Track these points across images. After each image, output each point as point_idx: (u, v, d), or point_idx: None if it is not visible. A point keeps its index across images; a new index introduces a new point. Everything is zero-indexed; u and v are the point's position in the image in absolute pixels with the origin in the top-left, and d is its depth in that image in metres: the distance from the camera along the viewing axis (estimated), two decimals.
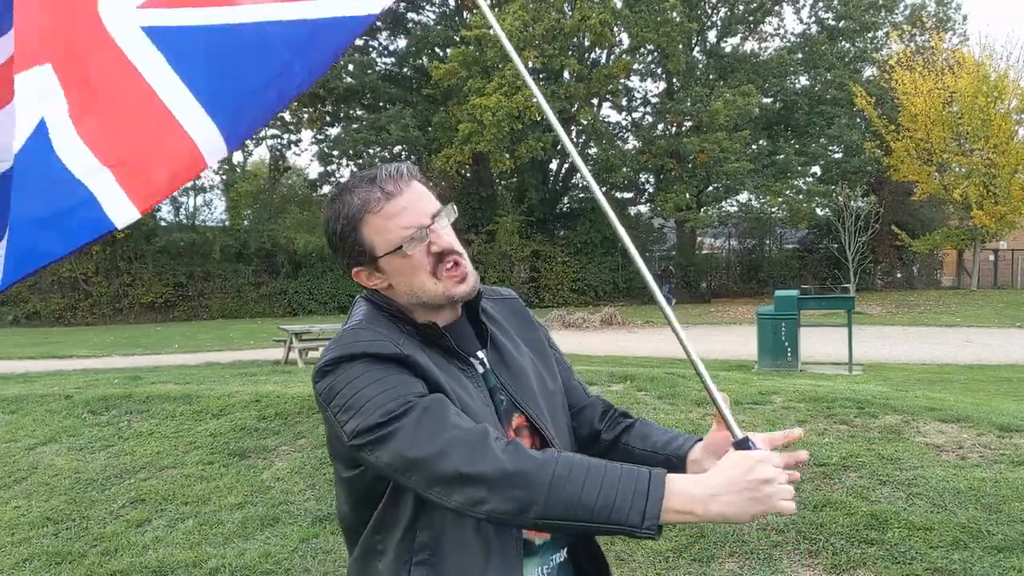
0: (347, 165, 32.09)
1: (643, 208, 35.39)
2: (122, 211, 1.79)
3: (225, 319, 27.40)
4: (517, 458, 1.36)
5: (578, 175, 34.75)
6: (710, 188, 31.40)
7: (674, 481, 1.36)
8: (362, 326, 1.55)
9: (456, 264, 1.58)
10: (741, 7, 33.90)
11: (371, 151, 31.11)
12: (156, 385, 7.38)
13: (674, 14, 29.19)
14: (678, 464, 1.64)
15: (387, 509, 1.52)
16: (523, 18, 27.33)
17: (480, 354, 1.64)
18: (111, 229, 1.79)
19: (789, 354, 13.10)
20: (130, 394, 6.76)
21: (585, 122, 31.75)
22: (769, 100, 32.49)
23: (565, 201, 35.03)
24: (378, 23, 32.05)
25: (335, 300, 29.31)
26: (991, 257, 35.17)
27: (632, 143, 33.79)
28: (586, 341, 17.74)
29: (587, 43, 30.66)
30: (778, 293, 14.04)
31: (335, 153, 31.39)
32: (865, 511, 3.95)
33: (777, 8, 34.40)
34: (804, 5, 34.32)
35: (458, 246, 1.60)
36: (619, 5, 29.77)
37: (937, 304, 26.04)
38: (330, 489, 4.98)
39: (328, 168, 32.25)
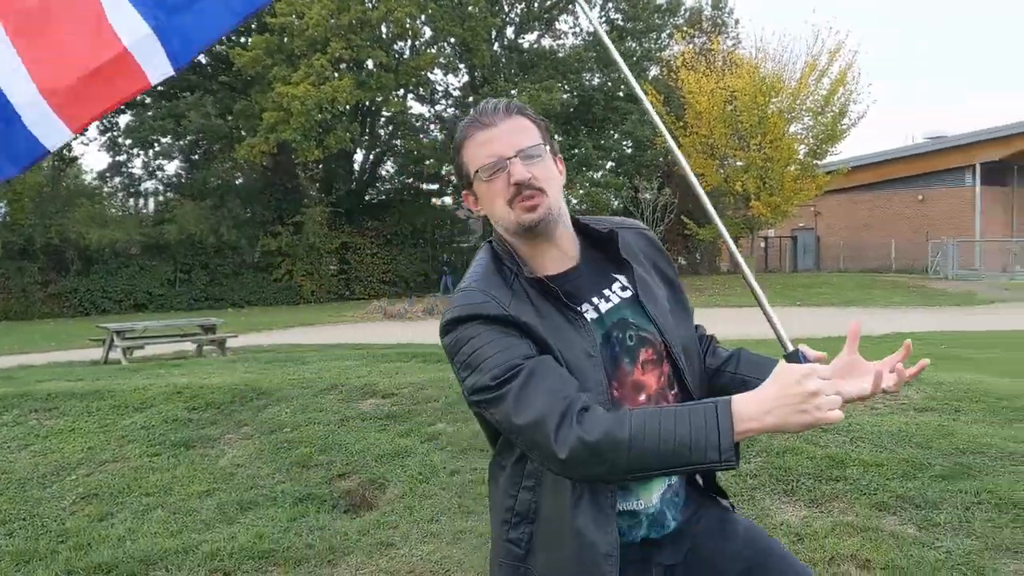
0: (139, 155, 30.33)
1: (447, 200, 35.89)
2: (54, 135, 1.90)
3: (10, 321, 25.09)
4: (596, 427, 1.47)
5: (384, 166, 34.74)
6: None
7: (733, 404, 1.47)
8: (474, 287, 1.66)
9: (532, 198, 1.65)
10: (536, 4, 35.09)
11: (166, 140, 29.56)
12: (52, 383, 6.91)
13: (475, 8, 29.81)
14: None
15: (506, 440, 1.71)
16: (329, 7, 26.95)
17: (595, 299, 1.72)
18: (45, 154, 1.91)
19: None
20: (26, 392, 6.32)
21: (389, 113, 31.79)
22: (567, 96, 33.88)
23: (373, 192, 34.86)
24: None
25: (131, 298, 27.68)
26: (762, 244, 38.53)
27: (436, 135, 34.18)
28: (420, 331, 17.92)
29: (390, 35, 30.67)
30: None
31: (128, 143, 29.52)
32: (822, 454, 4.53)
33: (571, 7, 35.88)
34: (595, 5, 36.02)
35: (540, 182, 1.66)
36: None
37: (723, 288, 28.30)
38: (301, 471, 5.00)
39: (117, 159, 30.31)
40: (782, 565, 1.80)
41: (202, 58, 31.98)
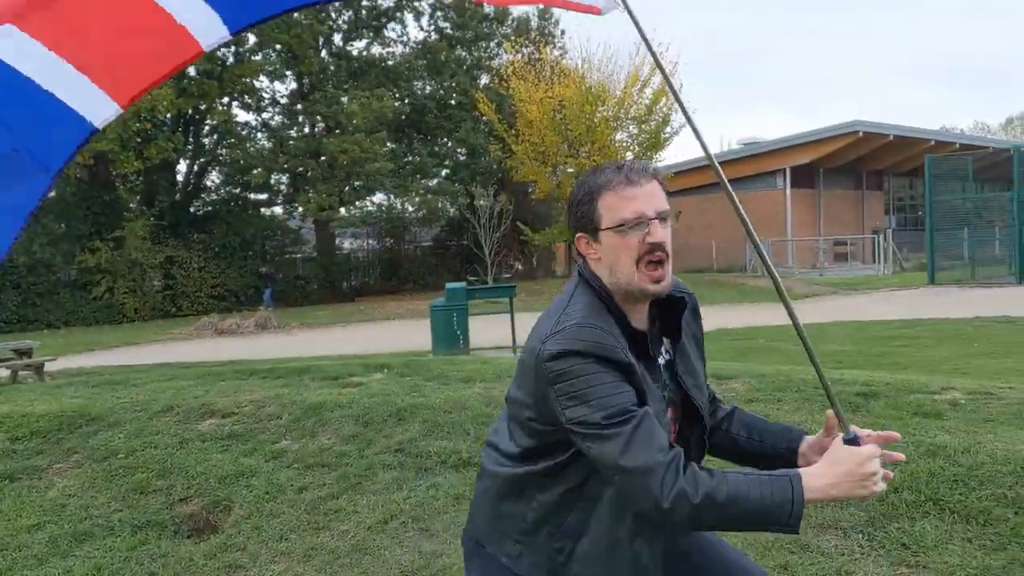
0: None
1: (278, 209, 35.00)
2: (100, 107, 1.79)
3: None
4: (700, 487, 1.63)
5: (210, 177, 33.49)
6: (348, 188, 31.97)
7: (804, 477, 1.67)
8: (587, 322, 1.75)
9: (660, 263, 1.78)
10: (364, 12, 34.82)
11: None
12: None
13: (301, 15, 29.25)
14: (791, 457, 1.99)
15: (566, 462, 1.82)
16: None
17: (661, 349, 1.89)
18: (93, 131, 1.80)
19: (461, 341, 14.09)
20: None
21: (214, 121, 30.71)
22: (399, 103, 33.79)
23: (198, 203, 33.51)
24: None
25: None
26: None
27: (263, 143, 33.28)
28: (254, 346, 17.40)
29: None
30: (448, 286, 14.97)
31: None
32: None
33: (399, 15, 35.82)
34: (424, 13, 36.13)
35: (669, 248, 1.79)
36: None
37: (557, 291, 28.50)
38: (139, 498, 4.77)
39: None
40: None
41: None
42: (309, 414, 5.71)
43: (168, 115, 27.84)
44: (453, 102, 33.85)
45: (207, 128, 32.27)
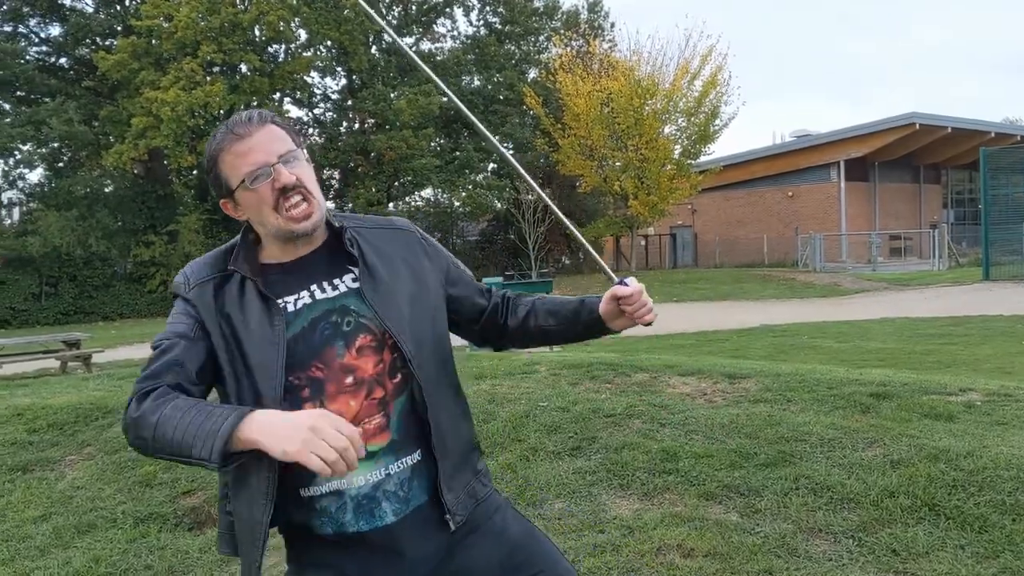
0: None
1: (331, 204, 35.38)
2: None
3: None
4: (145, 411, 1.62)
5: None
6: (397, 184, 32.23)
7: (250, 419, 1.56)
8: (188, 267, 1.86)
9: (301, 201, 1.75)
10: (414, 7, 35.04)
11: (27, 147, 28.15)
12: None
13: (351, 12, 29.53)
14: (597, 324, 1.98)
15: None
16: (199, 9, 26.24)
17: (314, 287, 1.79)
18: None
19: None
20: None
21: None
22: (446, 99, 33.81)
23: None
24: (26, 8, 29.03)
25: None
26: (642, 242, 39.48)
27: (315, 139, 33.73)
28: None
29: (263, 38, 30.07)
30: (485, 280, 15.02)
31: None
32: (656, 448, 4.70)
33: (448, 10, 35.98)
34: (473, 8, 36.23)
35: (307, 184, 1.76)
36: (295, 1, 29.49)
37: (604, 286, 28.56)
38: (145, 490, 4.89)
39: None
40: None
41: (63, 61, 30.69)
42: None
43: (221, 111, 28.32)
44: (501, 97, 33.90)
45: None
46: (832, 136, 35.73)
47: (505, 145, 34.33)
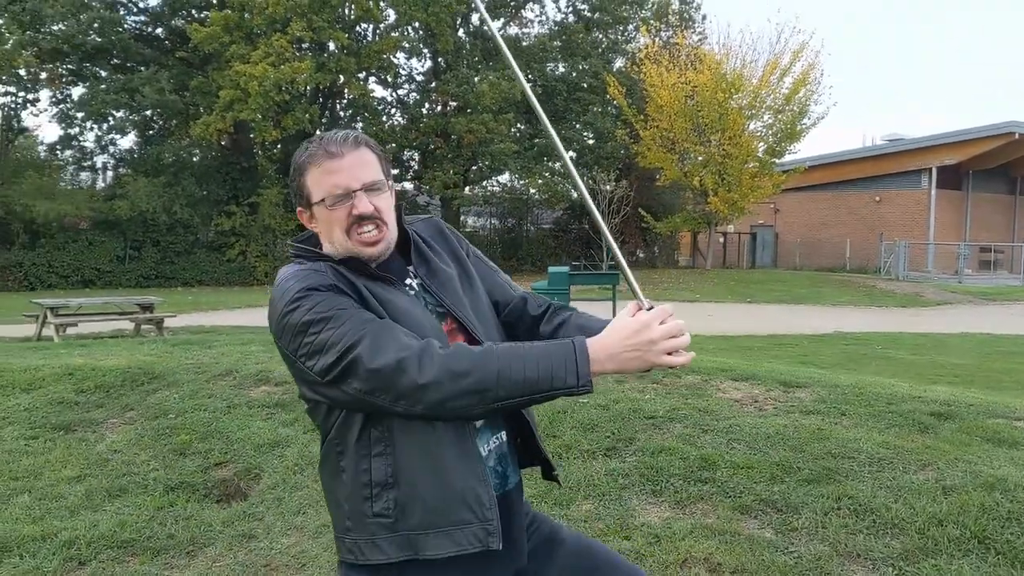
0: (91, 128, 29.67)
1: (408, 185, 35.67)
2: None
3: None
4: (462, 357, 1.59)
5: None
6: (475, 168, 32.22)
7: (587, 342, 1.63)
8: (303, 275, 1.75)
9: (373, 229, 1.77)
10: None
11: (120, 113, 28.98)
12: None
13: None
14: None
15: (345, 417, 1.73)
16: None
17: (409, 280, 1.86)
18: None
19: None
20: None
21: (350, 96, 31.50)
22: (529, 85, 33.63)
23: None
24: None
25: (79, 273, 27.11)
26: (720, 240, 38.75)
27: (397, 119, 33.97)
28: None
29: (352, 17, 30.30)
30: (551, 269, 14.90)
31: (80, 115, 28.87)
32: (695, 455, 4.52)
33: None
34: None
35: (383, 215, 1.79)
36: None
37: (677, 282, 28.41)
38: (178, 459, 4.91)
39: (70, 131, 29.63)
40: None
41: (159, 31, 31.45)
42: None
43: (307, 88, 28.67)
44: (584, 85, 33.56)
45: (344, 102, 33.13)
46: (925, 141, 34.38)
47: (585, 134, 34.09)
